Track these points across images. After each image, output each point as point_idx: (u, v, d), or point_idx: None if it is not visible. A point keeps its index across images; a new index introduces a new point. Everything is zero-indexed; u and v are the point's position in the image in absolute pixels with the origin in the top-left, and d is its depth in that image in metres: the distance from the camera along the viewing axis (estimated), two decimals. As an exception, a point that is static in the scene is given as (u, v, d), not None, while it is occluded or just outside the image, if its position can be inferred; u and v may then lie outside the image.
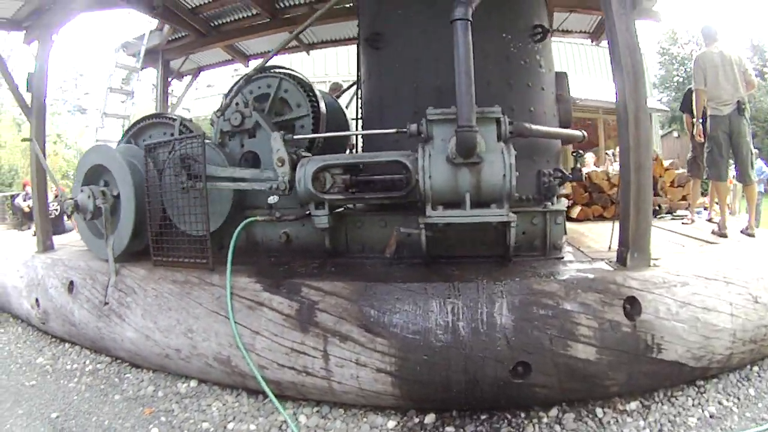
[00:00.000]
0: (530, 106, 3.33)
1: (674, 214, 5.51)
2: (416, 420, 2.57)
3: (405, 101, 3.38)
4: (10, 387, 3.25)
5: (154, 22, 6.24)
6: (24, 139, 5.81)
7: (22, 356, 3.81)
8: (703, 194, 5.56)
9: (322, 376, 2.57)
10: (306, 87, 3.75)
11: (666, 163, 5.96)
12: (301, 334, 2.60)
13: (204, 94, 14.41)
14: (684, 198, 5.56)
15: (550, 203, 3.17)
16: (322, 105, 3.79)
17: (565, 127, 3.72)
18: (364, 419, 2.62)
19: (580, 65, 14.40)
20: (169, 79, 7.23)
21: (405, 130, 2.83)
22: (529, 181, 3.27)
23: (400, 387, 2.49)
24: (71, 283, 3.70)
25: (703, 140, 4.17)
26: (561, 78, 3.79)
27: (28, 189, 5.66)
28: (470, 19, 2.51)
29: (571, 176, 3.43)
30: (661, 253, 3.02)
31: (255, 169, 3.38)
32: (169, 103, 7.25)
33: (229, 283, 2.90)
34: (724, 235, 3.81)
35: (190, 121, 4.26)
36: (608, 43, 2.90)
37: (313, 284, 2.73)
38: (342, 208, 3.32)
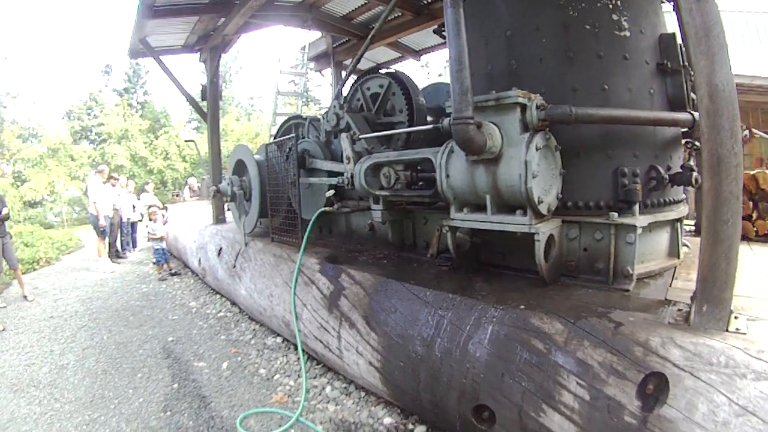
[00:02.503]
0: (604, 83, 2.66)
1: None
2: (410, 427, 2.56)
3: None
4: (156, 317, 4.63)
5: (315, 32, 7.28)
6: (187, 141, 7.78)
7: (181, 299, 5.33)
8: None
9: (337, 355, 2.87)
10: (407, 93, 4.07)
11: None
12: (327, 313, 2.96)
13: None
14: None
15: (617, 214, 2.44)
16: (420, 107, 4.05)
17: (677, 108, 2.80)
18: (372, 407, 2.76)
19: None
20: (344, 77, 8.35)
21: (439, 125, 2.71)
22: (602, 183, 2.62)
23: (386, 385, 2.53)
24: (220, 248, 5.00)
25: None
26: (667, 42, 2.85)
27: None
28: None
29: (668, 177, 2.62)
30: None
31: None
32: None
33: (299, 262, 3.48)
34: None
35: (318, 120, 5.08)
36: None
37: (350, 272, 3.02)
38: (403, 204, 3.43)
